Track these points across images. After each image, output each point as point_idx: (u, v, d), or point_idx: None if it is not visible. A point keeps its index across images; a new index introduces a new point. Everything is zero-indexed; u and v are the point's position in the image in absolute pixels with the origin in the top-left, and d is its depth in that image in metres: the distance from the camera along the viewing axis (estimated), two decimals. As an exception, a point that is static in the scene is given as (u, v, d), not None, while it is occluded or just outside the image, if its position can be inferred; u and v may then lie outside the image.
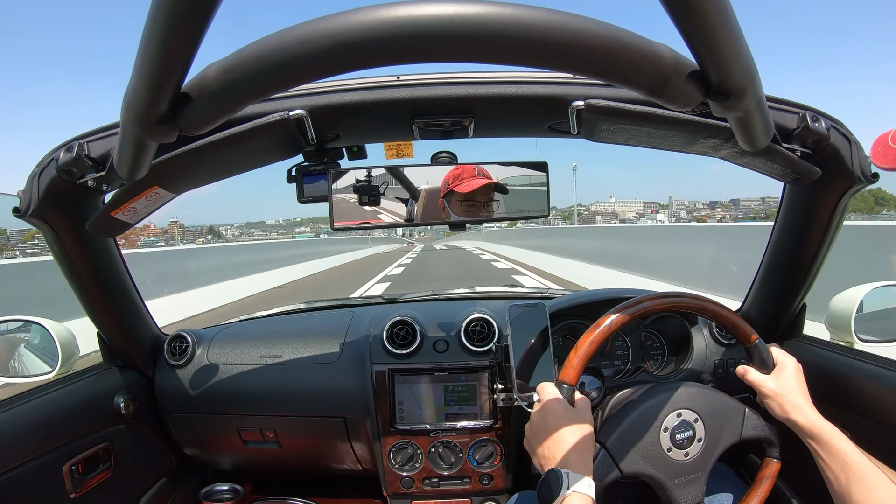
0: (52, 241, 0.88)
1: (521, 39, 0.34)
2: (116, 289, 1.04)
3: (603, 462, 0.78)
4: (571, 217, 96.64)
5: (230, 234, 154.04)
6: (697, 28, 0.35)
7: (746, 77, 0.41)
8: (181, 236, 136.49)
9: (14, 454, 0.86)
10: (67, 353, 1.04)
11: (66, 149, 0.74)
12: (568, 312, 1.19)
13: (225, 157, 0.77)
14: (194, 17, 0.33)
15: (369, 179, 0.86)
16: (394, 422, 1.16)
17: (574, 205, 32.41)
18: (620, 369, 1.20)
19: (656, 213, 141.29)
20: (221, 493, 1.32)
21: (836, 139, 0.76)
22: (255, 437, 1.23)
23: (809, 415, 0.78)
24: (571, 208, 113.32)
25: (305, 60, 0.35)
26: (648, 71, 0.39)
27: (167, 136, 0.44)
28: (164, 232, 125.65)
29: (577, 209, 31.64)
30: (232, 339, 1.28)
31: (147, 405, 1.19)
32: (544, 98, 0.76)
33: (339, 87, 0.76)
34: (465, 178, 0.86)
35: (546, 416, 0.74)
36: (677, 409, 0.82)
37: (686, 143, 0.75)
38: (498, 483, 1.19)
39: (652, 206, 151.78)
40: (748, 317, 1.11)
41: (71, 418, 0.98)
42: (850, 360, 0.95)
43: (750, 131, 0.53)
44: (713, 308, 0.86)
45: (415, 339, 1.18)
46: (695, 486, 0.80)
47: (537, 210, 0.90)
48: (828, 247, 0.93)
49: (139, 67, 0.37)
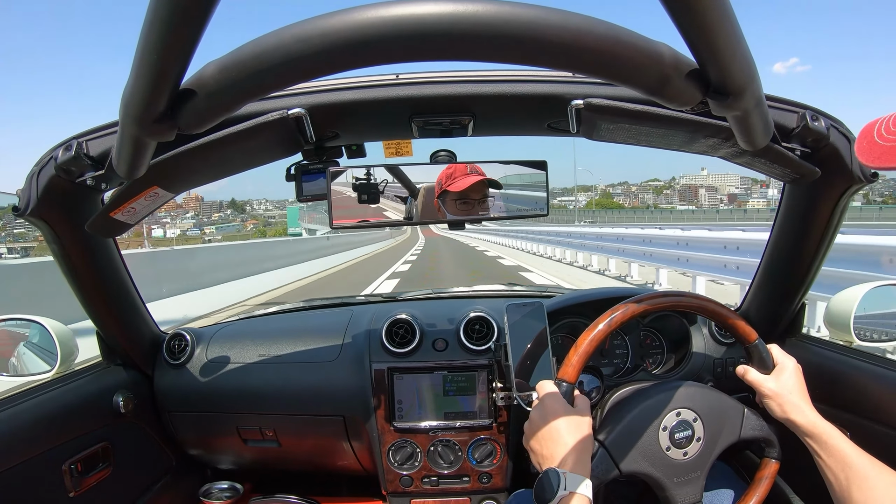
0: (51, 240, 0.88)
1: (520, 38, 0.34)
2: (115, 287, 1.04)
3: (602, 461, 0.78)
4: (663, 191, 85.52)
5: (261, 209, 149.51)
6: (697, 27, 0.35)
7: (746, 76, 0.41)
8: (197, 210, 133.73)
9: (13, 453, 0.86)
10: (66, 351, 1.04)
11: (65, 147, 0.74)
12: (567, 311, 1.19)
13: (224, 156, 0.77)
14: (192, 15, 0.33)
15: (368, 178, 0.86)
16: (393, 420, 1.16)
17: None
18: (619, 368, 1.20)
19: (766, 187, 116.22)
20: (221, 491, 1.32)
21: (836, 138, 0.76)
22: (255, 435, 1.23)
23: (809, 415, 0.78)
24: (673, 182, 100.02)
25: (303, 59, 0.35)
26: (648, 70, 0.39)
27: (166, 135, 0.44)
28: (178, 206, 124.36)
29: (656, 184, 28.36)
30: (231, 337, 1.28)
31: (146, 404, 1.19)
32: (543, 97, 0.76)
33: (337, 86, 0.76)
34: (457, 177, 0.86)
35: (545, 415, 0.74)
36: (676, 408, 0.82)
37: (685, 143, 0.75)
38: (497, 482, 1.19)
39: (747, 181, 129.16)
40: (747, 316, 1.11)
41: (70, 417, 0.98)
42: (850, 359, 0.95)
43: (749, 130, 0.53)
44: (713, 307, 0.86)
45: (414, 337, 1.19)
46: (693, 485, 0.80)
47: (537, 209, 0.90)
48: (827, 246, 0.93)
49: (138, 66, 0.37)
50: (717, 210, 75.46)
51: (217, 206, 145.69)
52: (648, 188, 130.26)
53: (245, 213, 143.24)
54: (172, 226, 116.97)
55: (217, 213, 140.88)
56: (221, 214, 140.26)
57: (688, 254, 6.93)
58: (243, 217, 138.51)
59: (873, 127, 0.45)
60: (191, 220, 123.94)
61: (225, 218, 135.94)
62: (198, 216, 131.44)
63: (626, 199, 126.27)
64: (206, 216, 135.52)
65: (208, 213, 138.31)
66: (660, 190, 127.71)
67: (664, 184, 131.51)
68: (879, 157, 0.43)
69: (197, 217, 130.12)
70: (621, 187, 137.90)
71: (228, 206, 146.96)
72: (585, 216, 58.15)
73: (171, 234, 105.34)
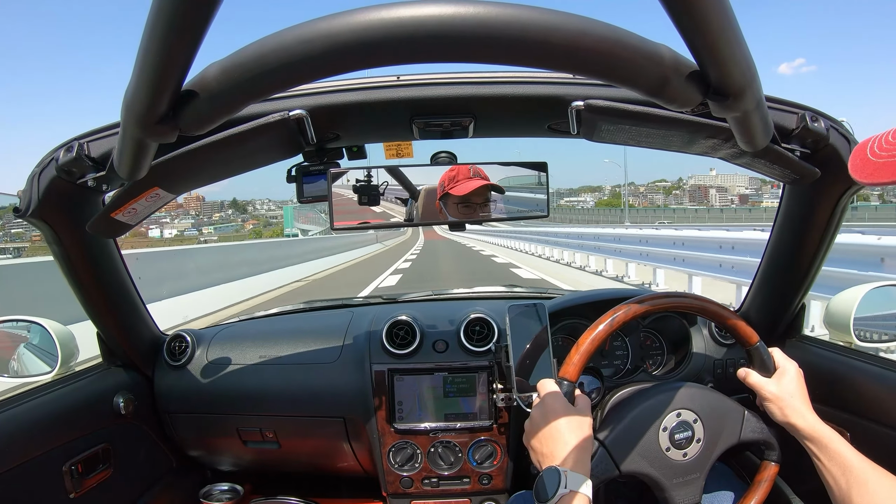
0: (52, 241, 0.88)
1: (521, 40, 0.34)
2: (116, 288, 1.04)
3: (601, 460, 0.78)
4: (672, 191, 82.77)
5: (264, 209, 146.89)
6: (697, 28, 0.35)
7: (746, 77, 0.41)
8: (198, 210, 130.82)
9: (13, 454, 0.86)
10: (67, 353, 1.04)
11: (66, 149, 0.74)
12: (567, 312, 1.19)
13: (225, 158, 0.77)
14: (194, 17, 0.33)
15: (369, 179, 0.86)
16: (393, 422, 1.16)
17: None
18: (620, 369, 1.20)
19: (777, 187, 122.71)
20: (221, 492, 1.31)
21: (836, 139, 0.76)
22: (255, 437, 1.23)
23: (810, 419, 0.78)
24: (682, 183, 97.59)
25: (305, 61, 0.35)
26: (648, 71, 0.39)
27: (167, 137, 0.44)
28: (178, 207, 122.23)
29: (665, 185, 28.00)
30: (231, 339, 1.28)
31: (147, 405, 1.19)
32: (544, 98, 0.76)
33: (338, 87, 0.76)
34: (460, 180, 0.86)
35: (546, 414, 0.74)
36: (677, 409, 0.82)
37: (685, 144, 0.75)
38: (497, 483, 1.19)
39: (756, 182, 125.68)
40: (747, 317, 1.11)
41: (70, 418, 0.98)
42: (849, 359, 0.95)
43: (749, 131, 0.53)
44: (715, 309, 0.86)
45: (414, 338, 1.18)
46: (693, 486, 0.80)
47: (537, 210, 0.90)
48: (827, 247, 0.93)
49: (140, 68, 0.37)
50: (721, 209, 75.19)
51: (218, 206, 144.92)
52: (657, 189, 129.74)
53: (247, 213, 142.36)
54: (171, 226, 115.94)
55: (218, 213, 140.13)
56: (222, 215, 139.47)
57: (684, 253, 6.97)
58: (245, 217, 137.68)
59: (866, 144, 0.46)
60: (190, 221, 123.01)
61: (226, 218, 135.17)
62: (198, 216, 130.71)
63: (636, 199, 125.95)
64: (207, 216, 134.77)
65: (209, 214, 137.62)
66: (669, 190, 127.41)
67: (672, 184, 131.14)
68: (872, 173, 0.44)
69: (197, 217, 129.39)
70: (627, 188, 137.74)
71: (230, 206, 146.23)
72: (601, 216, 57.11)
73: (168, 235, 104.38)
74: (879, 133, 0.46)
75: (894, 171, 0.42)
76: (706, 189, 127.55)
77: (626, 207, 44.82)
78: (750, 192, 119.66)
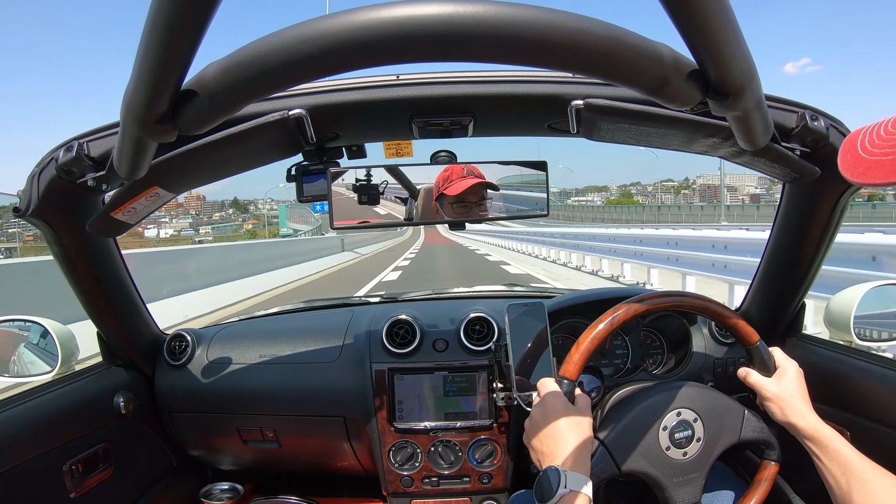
0: (52, 241, 0.88)
1: (520, 39, 0.34)
2: (116, 288, 1.04)
3: (601, 459, 0.78)
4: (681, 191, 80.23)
5: (266, 209, 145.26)
6: (697, 27, 0.35)
7: (746, 76, 0.41)
8: (198, 210, 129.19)
9: (14, 454, 0.86)
10: (67, 352, 1.04)
11: (66, 148, 0.74)
12: (567, 312, 1.19)
13: (224, 157, 0.77)
14: (193, 17, 0.33)
15: (369, 179, 0.86)
16: (393, 421, 1.16)
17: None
18: (620, 368, 1.20)
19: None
20: (221, 492, 1.31)
21: (836, 138, 0.76)
22: (255, 436, 1.23)
23: (810, 419, 0.78)
24: (690, 183, 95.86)
25: (305, 60, 0.35)
26: (648, 70, 0.39)
27: (167, 136, 0.44)
28: (178, 206, 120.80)
29: (671, 184, 25.72)
30: (231, 338, 1.28)
31: (147, 405, 1.19)
32: (544, 97, 0.76)
33: (338, 87, 0.76)
34: (454, 180, 0.86)
35: (546, 413, 0.74)
36: (677, 408, 0.82)
37: (685, 142, 0.75)
38: (497, 482, 1.19)
39: (765, 181, 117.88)
40: (747, 316, 1.11)
41: (71, 418, 0.98)
42: (849, 358, 0.95)
43: (749, 130, 0.53)
44: (715, 308, 0.86)
45: (414, 338, 1.19)
46: (692, 485, 0.80)
47: (537, 209, 0.90)
48: (827, 246, 0.93)
49: (139, 67, 0.37)
50: (727, 206, 75.93)
51: (219, 205, 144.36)
52: (664, 188, 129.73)
53: (248, 212, 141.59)
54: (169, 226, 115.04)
55: (218, 212, 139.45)
56: (223, 214, 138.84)
57: (678, 252, 6.98)
58: (245, 217, 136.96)
59: (857, 138, 0.40)
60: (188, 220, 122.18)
61: (226, 218, 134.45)
62: (198, 216, 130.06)
63: (645, 199, 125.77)
64: (207, 216, 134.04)
65: (209, 213, 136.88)
66: (678, 190, 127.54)
67: (680, 184, 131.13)
68: (864, 172, 0.38)
69: (197, 217, 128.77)
70: (634, 187, 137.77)
71: (230, 205, 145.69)
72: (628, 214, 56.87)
73: (165, 234, 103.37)
74: (872, 124, 0.41)
75: (889, 171, 0.37)
76: (715, 189, 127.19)
77: (659, 209, 42.87)
78: (761, 191, 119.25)
